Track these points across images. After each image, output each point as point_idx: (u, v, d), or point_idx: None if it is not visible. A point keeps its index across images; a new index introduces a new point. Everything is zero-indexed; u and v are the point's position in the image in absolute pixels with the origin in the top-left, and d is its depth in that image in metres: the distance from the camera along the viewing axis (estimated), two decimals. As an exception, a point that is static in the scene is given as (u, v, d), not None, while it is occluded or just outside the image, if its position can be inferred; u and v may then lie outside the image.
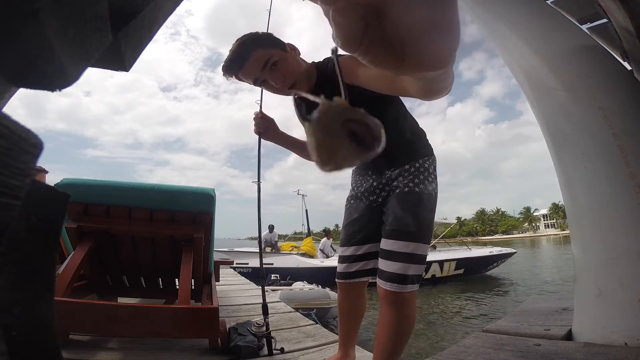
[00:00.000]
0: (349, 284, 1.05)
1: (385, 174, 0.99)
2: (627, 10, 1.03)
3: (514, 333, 1.45)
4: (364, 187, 1.04)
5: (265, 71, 0.83)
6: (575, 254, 1.47)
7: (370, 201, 1.01)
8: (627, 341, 1.16)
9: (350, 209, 1.07)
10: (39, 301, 0.22)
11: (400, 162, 0.96)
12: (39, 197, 0.21)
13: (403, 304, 0.87)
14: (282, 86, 0.85)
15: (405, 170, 0.95)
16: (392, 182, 0.96)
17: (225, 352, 1.25)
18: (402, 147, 0.97)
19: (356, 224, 1.03)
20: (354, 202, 1.06)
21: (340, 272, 1.05)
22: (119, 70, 0.29)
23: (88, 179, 1.41)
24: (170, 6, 0.34)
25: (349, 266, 1.03)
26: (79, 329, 1.23)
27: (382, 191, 0.99)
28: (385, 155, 0.85)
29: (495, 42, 1.87)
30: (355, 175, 1.11)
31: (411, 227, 0.87)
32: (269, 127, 1.11)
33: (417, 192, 0.91)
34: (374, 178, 1.01)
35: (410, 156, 0.97)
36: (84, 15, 0.21)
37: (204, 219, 1.48)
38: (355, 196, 1.06)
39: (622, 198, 1.28)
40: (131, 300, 1.77)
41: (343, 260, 1.05)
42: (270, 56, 0.82)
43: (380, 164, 0.99)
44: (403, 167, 0.95)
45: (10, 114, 0.18)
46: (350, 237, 1.04)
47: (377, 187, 1.00)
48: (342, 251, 1.06)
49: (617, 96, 1.39)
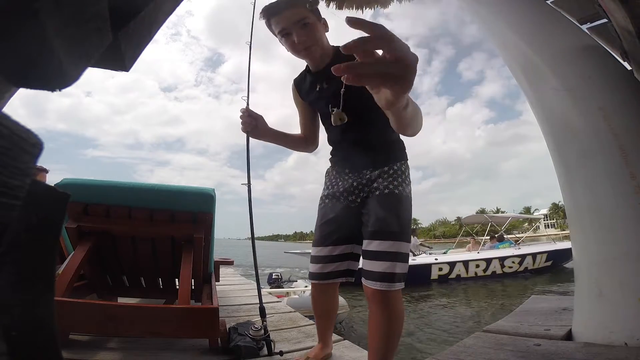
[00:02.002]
0: (324, 285, 1.07)
1: (364, 173, 1.00)
2: (627, 10, 1.03)
3: (514, 333, 1.45)
4: (342, 186, 1.04)
5: (296, 27, 0.91)
6: (575, 254, 1.47)
7: (349, 201, 1.02)
8: (627, 341, 1.16)
9: (326, 208, 1.06)
10: (39, 301, 0.22)
11: (380, 162, 0.99)
12: (39, 197, 0.21)
13: (392, 301, 0.89)
14: (301, 45, 0.92)
15: (385, 172, 0.97)
16: (371, 184, 0.98)
17: (225, 352, 1.25)
18: (383, 147, 1.00)
19: (332, 224, 1.03)
20: (330, 202, 1.06)
21: (315, 272, 1.06)
22: (119, 70, 0.29)
23: (88, 179, 1.41)
24: (170, 6, 0.34)
25: (324, 267, 1.03)
26: (79, 329, 1.23)
27: (362, 192, 1.00)
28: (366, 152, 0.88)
29: (495, 42, 1.87)
30: (331, 174, 1.11)
31: (394, 228, 0.90)
32: (257, 125, 1.10)
33: (397, 194, 0.94)
34: (354, 177, 1.02)
35: (389, 157, 1.00)
36: (84, 15, 0.21)
37: (204, 219, 1.48)
38: (332, 195, 1.06)
39: (622, 198, 1.28)
40: (131, 300, 1.77)
41: (318, 261, 1.05)
42: (307, 17, 0.91)
43: (361, 162, 1.00)
44: (382, 169, 0.98)
45: (10, 114, 0.18)
46: (325, 237, 1.04)
47: (356, 187, 1.01)
48: (317, 251, 1.05)
49: (617, 96, 1.39)
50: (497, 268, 8.02)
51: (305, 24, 0.91)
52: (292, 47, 0.94)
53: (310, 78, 1.03)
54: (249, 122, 1.08)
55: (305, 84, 1.07)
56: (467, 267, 7.91)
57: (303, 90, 1.09)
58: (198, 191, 1.48)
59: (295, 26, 0.91)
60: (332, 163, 1.13)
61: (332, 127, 0.98)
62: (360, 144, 1.00)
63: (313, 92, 1.04)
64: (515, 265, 8.16)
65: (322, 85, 1.01)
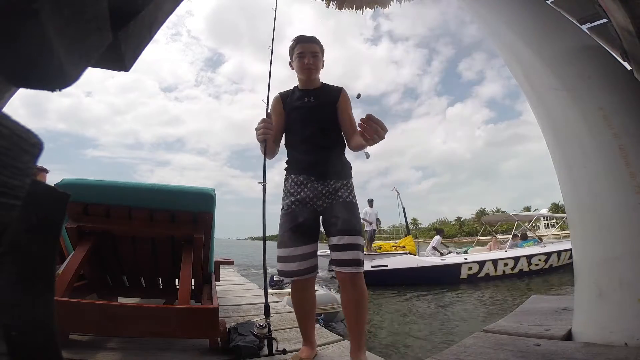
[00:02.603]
0: (304, 280, 1.24)
1: (329, 183, 1.26)
2: (627, 10, 1.03)
3: (514, 333, 1.45)
4: (310, 193, 1.25)
5: (310, 54, 1.32)
6: (575, 254, 1.47)
7: (317, 205, 1.25)
8: (627, 341, 1.16)
9: (293, 213, 1.24)
10: (39, 301, 0.22)
11: (341, 176, 1.28)
12: (39, 197, 0.21)
13: (361, 282, 1.17)
14: (307, 66, 1.30)
15: (344, 185, 1.27)
16: (336, 192, 1.24)
17: (225, 352, 1.25)
18: (343, 165, 1.33)
19: (303, 227, 1.22)
20: (297, 207, 1.24)
21: (294, 270, 1.21)
22: (119, 70, 0.29)
23: (88, 179, 1.40)
24: (170, 6, 0.34)
25: (301, 264, 1.21)
26: (79, 329, 1.23)
27: (328, 198, 1.25)
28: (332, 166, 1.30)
29: (495, 42, 1.87)
30: (293, 183, 1.28)
31: (356, 226, 1.21)
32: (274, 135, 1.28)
33: (354, 202, 1.26)
34: (322, 186, 1.25)
35: (346, 173, 1.31)
36: (84, 15, 0.21)
37: (204, 219, 1.48)
38: (299, 201, 1.25)
39: (622, 198, 1.28)
40: (131, 300, 1.77)
41: (293, 260, 1.20)
42: (318, 52, 1.34)
43: (326, 173, 1.26)
44: (342, 182, 1.27)
45: (10, 114, 0.18)
46: (298, 238, 1.21)
47: (324, 194, 1.25)
48: (291, 251, 1.21)
49: (617, 96, 1.39)
50: (525, 266, 8.04)
51: (315, 55, 1.33)
52: (301, 65, 1.31)
53: (299, 93, 1.36)
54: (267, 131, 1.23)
55: (292, 95, 1.38)
56: (496, 265, 7.94)
57: (288, 100, 1.37)
58: (198, 191, 1.48)
59: (309, 53, 1.32)
60: (295, 170, 1.30)
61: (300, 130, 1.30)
62: (326, 157, 1.28)
63: (299, 102, 1.34)
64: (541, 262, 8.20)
65: (309, 99, 1.34)
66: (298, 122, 1.32)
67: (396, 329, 4.29)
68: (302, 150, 1.30)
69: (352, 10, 2.75)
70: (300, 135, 1.30)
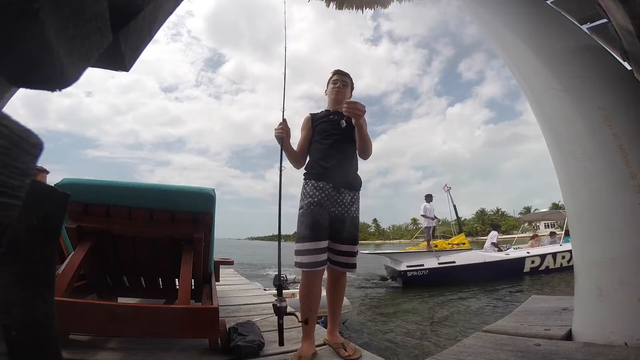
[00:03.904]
0: (317, 272, 1.38)
1: (342, 191, 1.45)
2: (627, 10, 1.03)
3: (514, 333, 1.45)
4: (327, 198, 1.41)
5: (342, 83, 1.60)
6: (575, 254, 1.47)
7: (331, 211, 1.42)
8: (627, 341, 1.16)
9: (314, 213, 1.40)
10: (39, 301, 0.22)
11: (353, 187, 1.50)
12: (39, 197, 0.21)
13: (345, 277, 1.52)
14: (338, 90, 1.59)
15: (356, 198, 1.50)
16: (350, 206, 1.46)
17: (225, 352, 1.25)
18: (355, 178, 1.53)
19: (323, 226, 1.39)
20: (316, 208, 1.40)
21: (311, 262, 1.35)
22: (119, 70, 0.29)
23: (88, 179, 1.40)
24: (170, 6, 0.34)
25: (318, 256, 1.36)
26: (79, 329, 1.23)
27: (341, 207, 1.44)
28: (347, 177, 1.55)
29: (495, 43, 1.87)
30: (312, 187, 1.44)
31: (357, 237, 1.50)
32: (288, 135, 1.47)
33: (358, 218, 1.50)
34: (337, 194, 1.44)
35: (359, 184, 1.53)
36: (84, 15, 0.21)
37: (204, 219, 1.48)
38: (318, 203, 1.41)
39: (622, 198, 1.28)
40: (131, 300, 1.77)
41: (313, 252, 1.36)
42: (348, 84, 1.63)
43: (341, 183, 1.45)
44: (354, 193, 1.49)
45: (10, 114, 0.18)
46: (320, 234, 1.38)
47: (339, 202, 1.44)
48: (314, 245, 1.36)
49: (617, 96, 1.39)
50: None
51: (346, 85, 1.62)
52: (333, 89, 1.60)
53: (326, 112, 1.62)
54: (285, 131, 1.45)
55: (320, 114, 1.63)
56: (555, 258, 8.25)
57: (316, 117, 1.62)
58: (198, 191, 1.48)
59: (342, 83, 1.60)
60: (314, 177, 1.46)
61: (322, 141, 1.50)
62: (345, 168, 1.48)
63: (325, 118, 1.58)
64: None
65: (334, 116, 1.56)
66: (322, 134, 1.53)
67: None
68: (322, 159, 1.48)
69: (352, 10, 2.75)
70: (321, 145, 1.51)
